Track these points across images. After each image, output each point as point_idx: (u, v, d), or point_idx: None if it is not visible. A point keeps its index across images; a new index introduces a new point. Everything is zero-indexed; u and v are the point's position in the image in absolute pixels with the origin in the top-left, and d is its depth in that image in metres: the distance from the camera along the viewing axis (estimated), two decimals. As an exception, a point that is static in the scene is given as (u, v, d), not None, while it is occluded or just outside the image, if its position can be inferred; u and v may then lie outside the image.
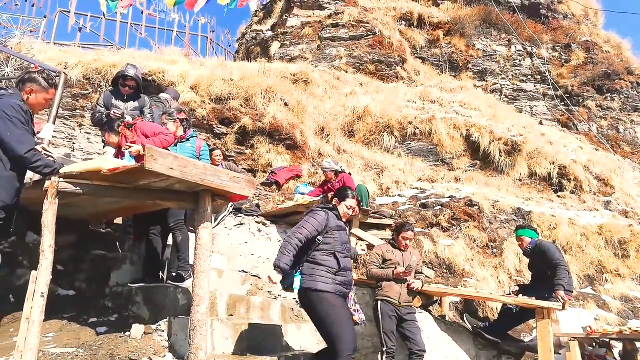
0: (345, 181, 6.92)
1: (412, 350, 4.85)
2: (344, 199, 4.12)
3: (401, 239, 5.18)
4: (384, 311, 4.99)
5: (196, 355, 3.33)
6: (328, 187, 7.07)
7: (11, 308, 4.23)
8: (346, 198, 4.13)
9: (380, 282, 5.17)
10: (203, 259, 3.59)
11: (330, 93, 10.94)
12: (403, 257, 5.19)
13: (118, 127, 4.51)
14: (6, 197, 3.38)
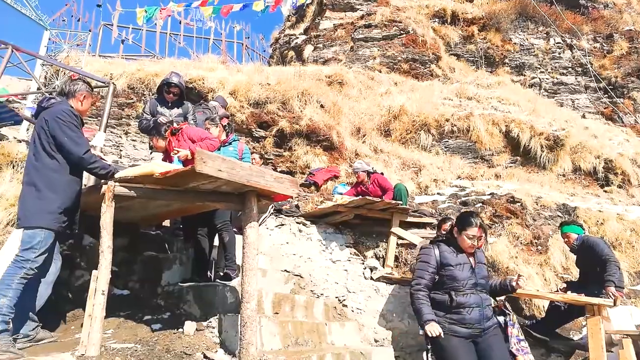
0: (379, 182, 6.93)
1: None
2: (463, 228, 3.62)
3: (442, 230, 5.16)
4: None
5: (247, 350, 3.45)
6: (361, 189, 7.10)
7: (71, 307, 4.49)
8: (467, 227, 3.61)
9: None
10: (251, 257, 3.72)
11: (365, 93, 10.97)
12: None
13: (165, 132, 4.71)
14: (67, 200, 3.63)
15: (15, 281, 3.36)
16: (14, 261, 3.44)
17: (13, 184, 4.97)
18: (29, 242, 3.48)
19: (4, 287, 3.33)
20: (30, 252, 3.45)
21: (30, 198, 3.57)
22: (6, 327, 3.28)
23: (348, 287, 6.03)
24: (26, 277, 3.44)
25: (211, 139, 4.61)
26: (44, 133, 3.63)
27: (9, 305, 3.31)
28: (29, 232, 3.50)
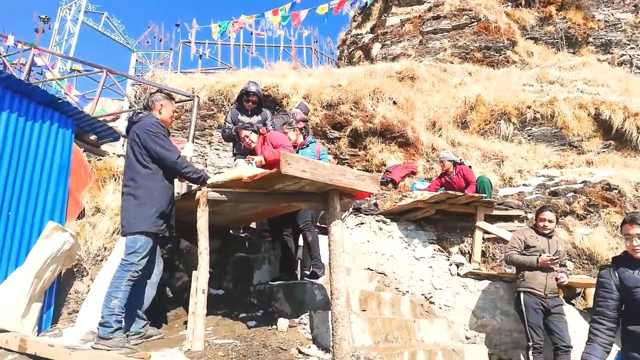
0: (464, 173, 6.75)
1: (557, 345, 4.58)
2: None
3: (539, 222, 4.91)
4: (528, 304, 4.76)
5: (340, 345, 3.52)
6: (446, 180, 6.94)
7: (174, 306, 4.84)
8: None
9: (521, 271, 4.94)
10: (337, 255, 3.79)
11: (438, 86, 10.72)
12: (549, 243, 4.89)
13: (258, 129, 4.94)
14: (162, 206, 3.90)
15: (124, 283, 3.67)
16: (120, 265, 3.77)
17: (116, 196, 5.44)
18: (132, 246, 3.79)
19: (114, 289, 3.65)
20: (134, 255, 3.75)
21: (130, 207, 3.88)
22: (120, 326, 3.60)
23: (434, 284, 5.94)
24: (132, 279, 3.74)
25: (285, 147, 4.73)
26: (136, 145, 3.93)
27: (120, 306, 3.61)
28: (132, 237, 3.81)
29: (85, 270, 4.93)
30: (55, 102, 5.07)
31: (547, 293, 4.69)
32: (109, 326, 3.50)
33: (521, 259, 4.88)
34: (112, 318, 3.52)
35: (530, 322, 4.66)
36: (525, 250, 4.94)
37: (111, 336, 3.48)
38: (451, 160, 6.88)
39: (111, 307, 3.56)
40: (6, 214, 4.37)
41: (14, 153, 4.54)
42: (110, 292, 3.64)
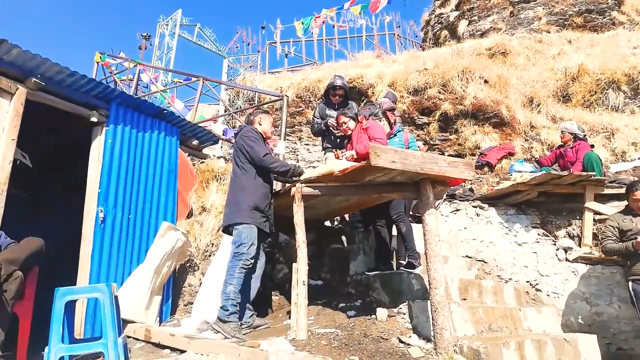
0: (578, 149, 6.26)
1: None
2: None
3: (632, 202, 4.44)
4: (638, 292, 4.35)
5: (441, 335, 3.49)
6: (560, 152, 6.50)
7: (276, 297, 5.10)
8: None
9: (626, 259, 4.51)
10: (433, 244, 3.75)
11: (533, 59, 9.99)
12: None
13: (356, 116, 4.99)
14: (257, 200, 4.22)
15: (237, 271, 4.05)
16: (232, 256, 4.14)
17: (219, 195, 5.84)
18: (238, 239, 4.15)
19: (229, 277, 4.05)
20: (242, 247, 4.11)
21: (231, 203, 4.32)
22: (235, 310, 3.96)
23: (540, 271, 5.62)
24: (245, 268, 4.10)
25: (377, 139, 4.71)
26: (236, 151, 4.45)
27: (235, 291, 3.99)
28: (236, 231, 4.18)
29: (196, 265, 5.37)
30: (162, 113, 5.56)
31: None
32: (226, 309, 3.89)
33: (616, 246, 4.48)
34: (229, 302, 3.91)
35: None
36: (621, 235, 4.49)
37: (227, 319, 3.87)
38: (572, 133, 6.41)
39: (227, 292, 3.95)
40: (127, 217, 4.89)
41: (129, 162, 5.06)
42: (226, 280, 4.05)
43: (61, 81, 4.62)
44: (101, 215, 4.65)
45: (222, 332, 3.80)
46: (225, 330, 3.80)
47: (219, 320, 3.88)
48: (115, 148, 4.96)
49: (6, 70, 4.20)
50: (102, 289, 3.36)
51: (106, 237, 4.66)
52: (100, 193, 4.73)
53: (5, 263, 2.90)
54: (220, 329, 3.81)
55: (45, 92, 4.52)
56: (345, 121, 5.14)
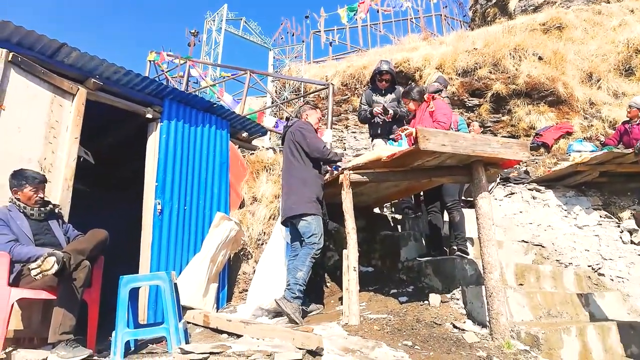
0: None
1: None
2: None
3: None
4: None
5: (497, 320, 3.41)
6: (625, 129, 6.13)
7: (328, 284, 5.15)
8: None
9: None
10: (487, 228, 3.66)
11: (592, 32, 9.40)
12: None
13: (419, 93, 4.94)
14: (317, 191, 4.35)
15: (308, 259, 4.18)
16: (306, 245, 4.26)
17: (269, 185, 5.95)
18: (308, 230, 4.26)
19: (301, 263, 4.18)
20: (313, 237, 4.24)
21: (293, 195, 4.40)
22: (300, 295, 4.09)
23: (602, 254, 5.35)
24: (315, 257, 4.24)
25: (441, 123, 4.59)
26: (292, 143, 4.53)
27: (304, 278, 4.12)
28: (304, 222, 4.28)
29: (250, 254, 5.51)
30: (212, 107, 5.71)
31: None
32: (292, 292, 4.05)
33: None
34: (296, 287, 4.06)
35: None
36: None
37: (292, 301, 4.02)
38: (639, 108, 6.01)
39: (297, 277, 4.10)
40: (182, 209, 5.09)
41: (183, 155, 5.25)
42: (297, 266, 4.19)
43: (118, 80, 4.84)
44: (159, 207, 4.86)
45: (284, 308, 3.95)
46: (288, 307, 3.95)
47: (284, 298, 4.05)
48: (170, 142, 5.15)
49: (67, 72, 4.45)
50: (163, 277, 3.53)
51: (164, 228, 4.87)
52: (157, 186, 4.94)
53: (74, 253, 3.11)
54: (284, 306, 3.97)
55: (104, 92, 4.76)
56: (411, 108, 5.04)
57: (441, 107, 4.74)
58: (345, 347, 3.08)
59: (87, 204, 6.79)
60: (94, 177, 6.69)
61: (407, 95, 5.02)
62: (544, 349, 3.33)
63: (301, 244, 4.34)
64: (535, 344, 3.38)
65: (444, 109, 4.73)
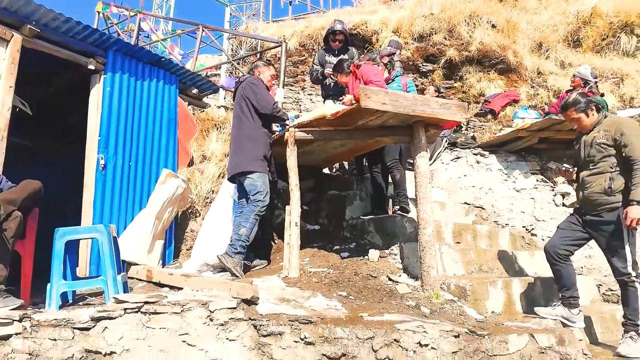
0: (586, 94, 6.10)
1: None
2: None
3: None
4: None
5: (428, 272, 3.59)
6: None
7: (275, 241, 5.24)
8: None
9: None
10: (423, 186, 3.79)
11: (545, 2, 9.60)
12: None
13: (348, 67, 4.94)
14: (264, 149, 4.36)
15: (252, 216, 4.22)
16: (251, 202, 4.28)
17: (219, 143, 5.90)
18: (254, 187, 4.27)
19: (244, 220, 4.22)
20: (258, 194, 4.25)
21: (239, 152, 4.38)
22: (243, 250, 4.15)
23: (536, 216, 5.66)
24: (259, 214, 4.27)
25: (375, 82, 4.66)
26: (242, 99, 4.47)
27: (247, 234, 4.17)
28: (249, 180, 4.28)
29: (198, 212, 5.50)
30: (160, 61, 5.53)
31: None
32: (235, 248, 4.10)
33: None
34: (239, 243, 4.12)
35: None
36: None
37: (233, 256, 4.07)
38: (583, 78, 6.18)
39: (239, 234, 4.15)
40: (127, 165, 4.99)
41: (129, 110, 5.09)
42: (241, 222, 4.22)
43: (57, 28, 4.59)
44: (102, 162, 4.74)
45: (225, 263, 4.01)
46: (229, 262, 4.01)
47: (226, 254, 4.10)
48: (114, 96, 4.97)
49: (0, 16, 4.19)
50: (100, 229, 3.48)
51: (107, 184, 4.77)
52: (100, 141, 4.80)
53: (4, 203, 3.01)
54: (225, 261, 4.03)
55: (43, 40, 4.51)
56: (344, 81, 5.03)
57: (368, 70, 4.81)
58: (282, 297, 3.18)
59: (30, 158, 6.54)
60: (36, 130, 6.41)
61: (338, 69, 4.98)
62: (470, 300, 3.55)
63: (247, 201, 4.37)
64: (462, 295, 3.59)
65: (372, 70, 4.80)
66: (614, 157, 3.40)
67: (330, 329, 2.66)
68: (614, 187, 3.37)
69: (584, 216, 3.58)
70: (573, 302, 3.57)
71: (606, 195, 3.40)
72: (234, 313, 2.77)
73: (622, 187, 3.36)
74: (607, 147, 3.41)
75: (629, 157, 3.28)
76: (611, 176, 3.40)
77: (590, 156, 3.53)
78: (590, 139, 3.53)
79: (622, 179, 3.36)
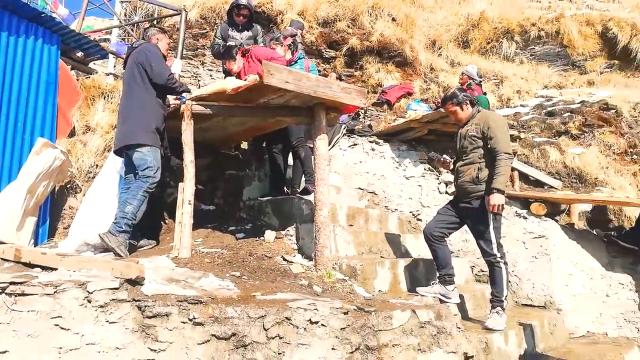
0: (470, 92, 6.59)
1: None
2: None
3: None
4: None
5: (322, 253, 3.66)
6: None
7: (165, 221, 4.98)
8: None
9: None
10: (322, 168, 3.84)
11: (441, 2, 10.23)
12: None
13: (235, 53, 4.81)
14: (157, 121, 4.07)
15: (140, 193, 3.92)
16: (139, 178, 3.97)
17: (106, 113, 5.42)
18: (143, 162, 3.96)
19: (131, 197, 3.91)
20: (148, 170, 3.95)
21: (129, 122, 4.05)
22: (128, 229, 3.85)
23: (422, 202, 6.05)
24: (148, 191, 3.98)
25: (277, 58, 4.62)
26: (135, 66, 4.12)
27: (133, 212, 3.87)
28: (139, 154, 3.96)
29: (78, 187, 5.02)
30: (39, 17, 4.91)
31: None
32: (119, 226, 3.80)
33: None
34: (124, 221, 3.81)
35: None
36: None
37: (117, 235, 3.77)
38: (470, 77, 6.68)
39: (125, 211, 3.84)
40: (-6, 130, 4.39)
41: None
42: (127, 199, 3.91)
43: None
44: (-38, 126, 4.12)
45: (108, 242, 3.71)
46: (112, 241, 3.71)
47: (110, 232, 3.79)
48: (-19, 52, 4.33)
49: None
50: (-45, 201, 3.02)
51: (-31, 152, 4.16)
52: (-38, 101, 4.16)
53: None
54: (108, 240, 3.72)
55: None
56: (233, 68, 4.86)
57: (265, 49, 4.81)
58: (170, 277, 3.03)
59: None
60: None
61: (228, 55, 4.88)
62: (360, 279, 3.70)
63: (135, 176, 4.07)
64: (353, 274, 3.72)
65: (268, 50, 4.79)
66: (482, 148, 3.76)
67: (221, 308, 2.59)
68: (480, 176, 3.73)
69: (459, 203, 3.91)
70: (448, 279, 3.87)
71: (474, 184, 3.76)
72: (116, 294, 2.58)
73: (487, 176, 3.72)
74: (477, 139, 3.77)
75: (494, 149, 3.65)
76: (479, 166, 3.76)
77: (463, 148, 3.89)
78: (464, 131, 3.89)
79: (488, 169, 3.72)
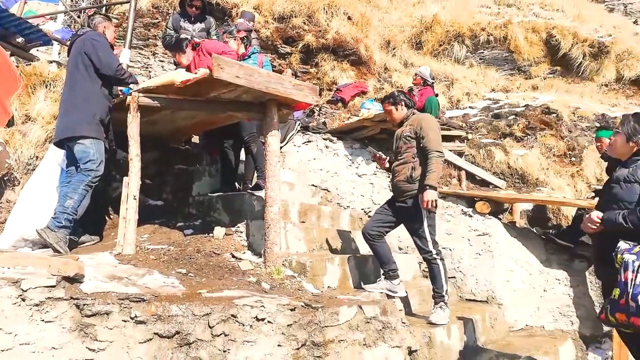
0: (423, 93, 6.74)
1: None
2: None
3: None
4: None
5: (271, 249, 3.65)
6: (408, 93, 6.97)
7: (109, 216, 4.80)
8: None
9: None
10: (273, 164, 3.81)
11: (396, 3, 10.39)
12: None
13: (185, 46, 4.70)
14: (101, 112, 3.93)
15: (82, 187, 3.77)
16: (81, 171, 3.81)
17: (47, 103, 5.15)
18: (85, 155, 3.81)
19: (72, 191, 3.75)
20: (90, 163, 3.81)
21: (71, 112, 3.89)
22: (68, 225, 3.70)
23: (374, 200, 6.14)
24: (91, 185, 3.84)
25: (229, 52, 4.56)
26: (80, 55, 3.96)
27: (74, 207, 3.72)
28: (80, 146, 3.81)
29: (17, 180, 4.75)
30: (-29, -3, 4.61)
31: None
32: (58, 221, 3.64)
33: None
34: (64, 216, 3.66)
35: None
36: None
37: (57, 230, 3.61)
38: (423, 78, 6.83)
39: (65, 205, 3.68)
40: None
41: None
42: (67, 193, 3.75)
43: None
44: None
45: (46, 238, 3.55)
46: (50, 237, 3.55)
47: (48, 228, 3.62)
48: None
49: None
50: None
51: None
52: None
53: None
54: (46, 235, 3.56)
55: None
56: (182, 62, 4.76)
57: (216, 43, 4.76)
58: (112, 274, 2.92)
59: None
60: None
61: (177, 48, 4.79)
62: (309, 275, 3.71)
63: (77, 170, 3.90)
64: (302, 271, 3.73)
65: (219, 44, 4.74)
66: (415, 148, 3.88)
67: (165, 306, 2.53)
68: (414, 175, 3.85)
69: (395, 203, 4.01)
70: (392, 274, 3.95)
71: (408, 183, 3.87)
72: (53, 292, 2.46)
73: (420, 175, 3.83)
74: (411, 139, 3.89)
75: (425, 147, 3.78)
76: (413, 165, 3.88)
77: (398, 148, 4.01)
78: (400, 132, 4.03)
79: (421, 168, 3.83)
